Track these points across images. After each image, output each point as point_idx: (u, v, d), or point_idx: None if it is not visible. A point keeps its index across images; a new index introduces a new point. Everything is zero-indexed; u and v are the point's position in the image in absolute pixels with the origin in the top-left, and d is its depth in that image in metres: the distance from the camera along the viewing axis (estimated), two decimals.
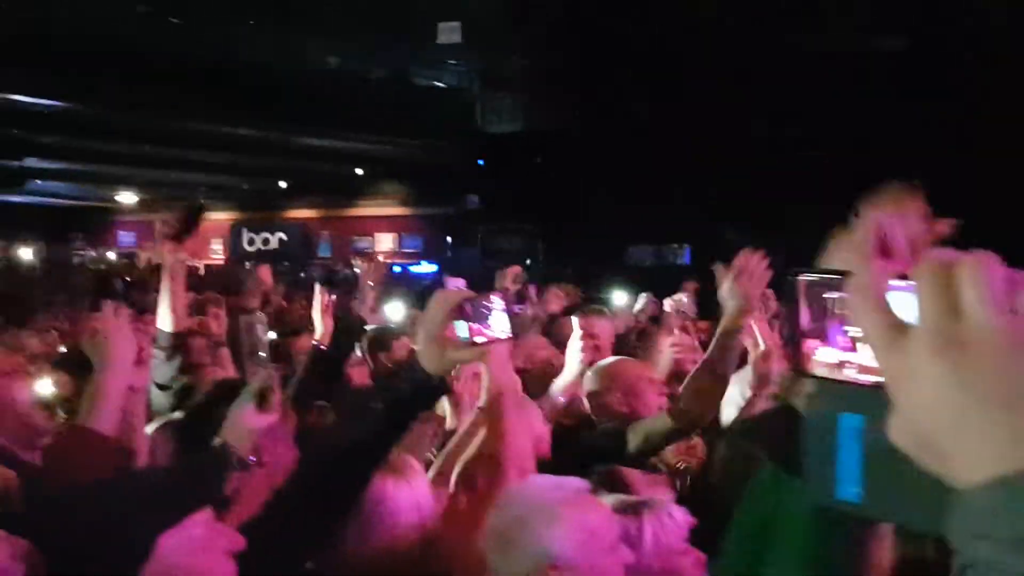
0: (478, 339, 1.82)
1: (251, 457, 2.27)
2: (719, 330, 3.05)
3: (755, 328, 3.61)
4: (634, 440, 3.09)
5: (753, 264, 2.99)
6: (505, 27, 17.04)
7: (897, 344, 0.61)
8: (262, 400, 2.28)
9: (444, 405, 2.93)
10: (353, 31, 18.01)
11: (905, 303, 0.62)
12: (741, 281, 2.98)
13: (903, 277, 0.64)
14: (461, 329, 1.80)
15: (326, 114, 17.45)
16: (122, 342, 2.71)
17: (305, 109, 17.08)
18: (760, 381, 3.48)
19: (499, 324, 1.84)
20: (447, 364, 1.86)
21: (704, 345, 4.55)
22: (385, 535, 2.16)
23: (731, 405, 3.55)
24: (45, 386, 3.04)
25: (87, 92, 14.57)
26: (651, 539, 2.10)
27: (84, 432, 2.60)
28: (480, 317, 1.82)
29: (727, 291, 3.02)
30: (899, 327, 0.62)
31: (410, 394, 1.87)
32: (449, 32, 16.79)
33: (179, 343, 4.41)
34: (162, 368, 4.13)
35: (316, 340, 4.55)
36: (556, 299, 8.40)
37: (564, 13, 15.77)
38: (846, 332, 0.85)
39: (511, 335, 1.89)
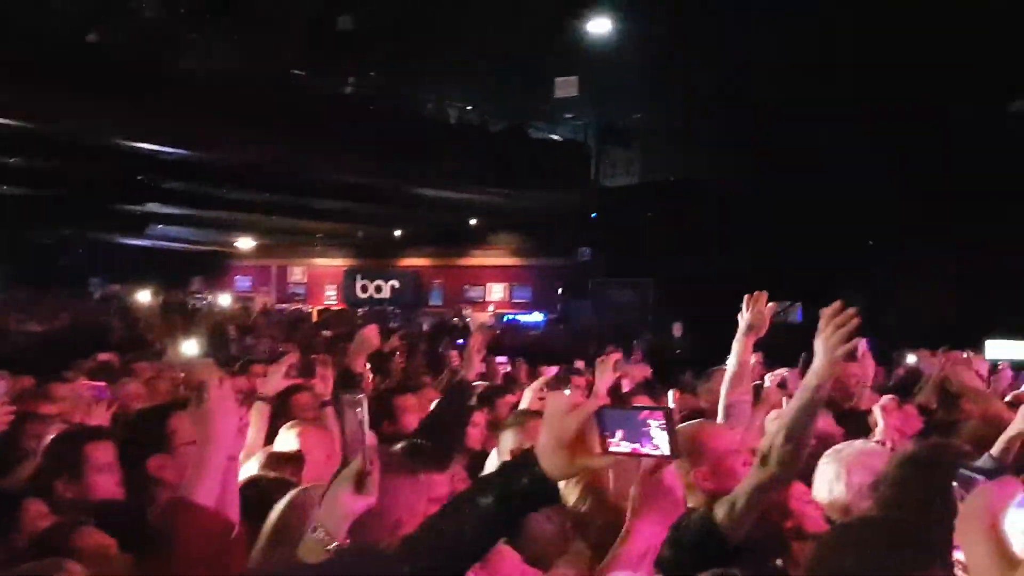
0: (626, 448, 1.64)
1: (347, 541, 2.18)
2: (808, 389, 2.68)
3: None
4: (721, 512, 2.78)
5: (842, 317, 2.72)
6: (622, 81, 17.02)
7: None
8: (360, 483, 2.20)
9: None
10: (472, 84, 18.33)
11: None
12: (828, 334, 2.71)
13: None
14: (618, 442, 1.64)
15: (444, 165, 17.68)
16: (225, 416, 2.67)
17: (422, 159, 17.34)
18: None
19: (659, 440, 1.64)
20: (571, 471, 1.69)
21: None
22: None
23: None
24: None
25: (210, 139, 15.11)
26: None
27: (187, 506, 2.58)
28: (630, 427, 1.64)
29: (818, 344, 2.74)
30: (1009, 561, 0.58)
31: (522, 494, 1.70)
32: (566, 86, 16.87)
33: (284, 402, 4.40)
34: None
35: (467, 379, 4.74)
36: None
37: (686, 69, 15.65)
38: None
39: (670, 455, 1.67)
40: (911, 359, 8.12)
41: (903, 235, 15.51)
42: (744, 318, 3.88)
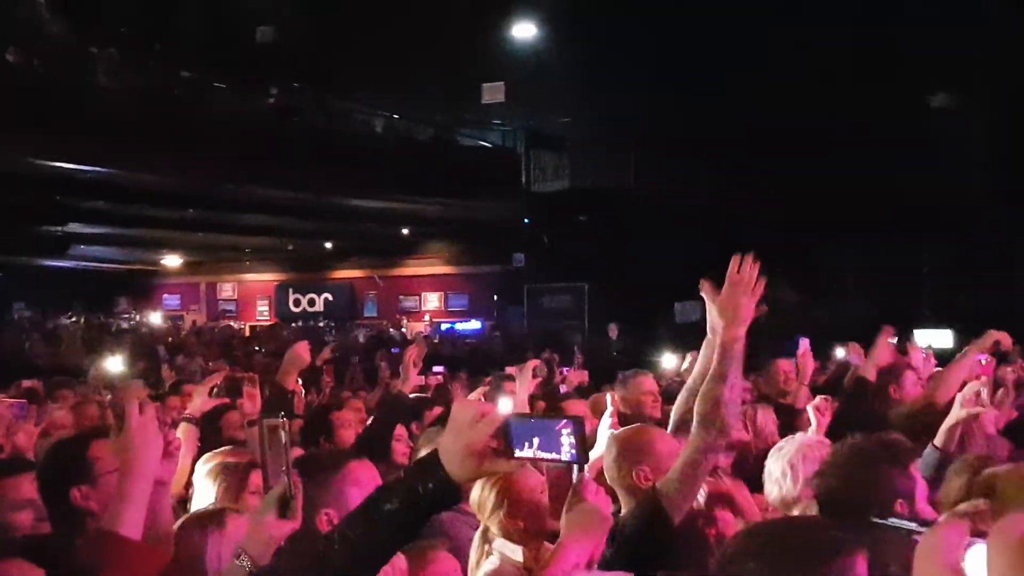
0: (533, 455, 1.68)
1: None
2: (718, 348, 2.82)
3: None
4: (667, 485, 2.76)
5: (746, 276, 2.84)
6: (549, 86, 17.10)
7: None
8: (284, 508, 2.16)
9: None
10: (398, 92, 18.23)
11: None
12: (733, 293, 2.83)
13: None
14: (525, 448, 1.68)
15: (373, 176, 17.53)
16: (147, 442, 2.57)
17: (350, 170, 17.17)
18: None
19: (568, 448, 1.69)
20: (476, 475, 1.72)
21: None
22: None
23: None
24: None
25: (129, 158, 14.74)
26: None
27: (112, 538, 2.50)
28: (539, 434, 1.69)
29: (720, 305, 2.88)
30: None
31: (428, 498, 1.70)
32: (493, 92, 16.89)
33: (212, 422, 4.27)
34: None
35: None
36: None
37: (613, 72, 15.78)
38: None
39: (578, 462, 1.72)
40: (840, 353, 8.25)
41: (833, 233, 15.87)
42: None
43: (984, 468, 2.73)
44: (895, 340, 5.93)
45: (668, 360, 10.64)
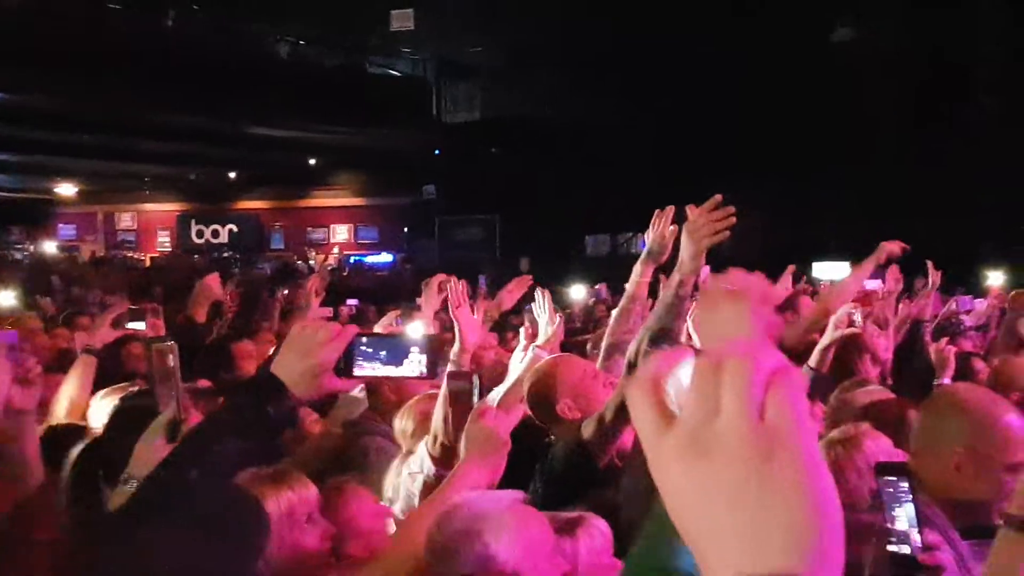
0: (381, 372, 1.75)
1: None
2: (673, 284, 2.71)
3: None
4: (588, 429, 2.80)
5: (719, 211, 2.73)
6: (460, 14, 16.79)
7: (660, 440, 0.61)
8: (173, 432, 2.10)
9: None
10: (305, 17, 17.65)
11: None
12: (697, 225, 2.72)
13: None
14: (372, 365, 1.73)
15: (278, 103, 17.02)
16: None
17: (256, 98, 16.62)
18: None
19: (416, 363, 1.75)
20: (317, 393, 1.72)
21: None
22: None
23: None
24: None
25: (18, 79, 13.98)
26: (585, 555, 2.10)
27: None
28: (389, 350, 1.74)
29: (685, 237, 2.75)
30: (668, 418, 0.62)
31: (271, 420, 1.66)
32: (402, 19, 16.50)
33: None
34: None
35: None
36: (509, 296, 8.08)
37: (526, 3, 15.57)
38: None
39: (426, 375, 1.78)
40: None
41: (734, 165, 16.13)
42: (648, 241, 3.37)
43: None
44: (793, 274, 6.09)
45: (576, 291, 10.79)
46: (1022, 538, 1.64)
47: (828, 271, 12.02)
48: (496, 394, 3.39)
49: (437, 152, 20.57)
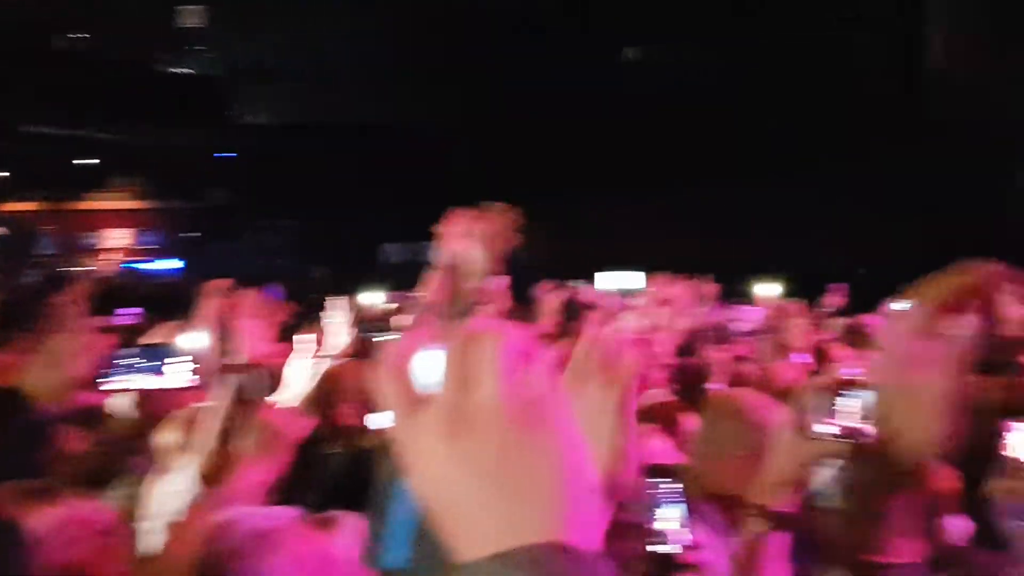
0: (137, 384, 1.82)
1: None
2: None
3: None
4: (370, 437, 2.81)
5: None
6: (255, 15, 16.36)
7: (411, 418, 0.62)
8: None
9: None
10: (86, 6, 16.69)
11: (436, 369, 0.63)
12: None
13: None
14: (127, 378, 1.79)
15: (52, 98, 15.95)
16: None
17: (24, 90, 15.50)
18: None
19: (173, 373, 1.84)
20: (69, 404, 1.81)
21: None
22: None
23: None
24: None
25: None
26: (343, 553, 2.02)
27: None
28: (146, 359, 1.82)
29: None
30: (416, 399, 0.62)
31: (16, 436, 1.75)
32: (192, 16, 15.87)
33: None
34: None
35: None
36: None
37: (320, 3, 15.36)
38: None
39: (193, 386, 1.88)
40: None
41: (528, 179, 16.58)
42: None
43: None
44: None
45: (365, 297, 10.88)
46: (763, 525, 1.78)
47: (609, 282, 12.60)
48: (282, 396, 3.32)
49: (226, 155, 19.92)
